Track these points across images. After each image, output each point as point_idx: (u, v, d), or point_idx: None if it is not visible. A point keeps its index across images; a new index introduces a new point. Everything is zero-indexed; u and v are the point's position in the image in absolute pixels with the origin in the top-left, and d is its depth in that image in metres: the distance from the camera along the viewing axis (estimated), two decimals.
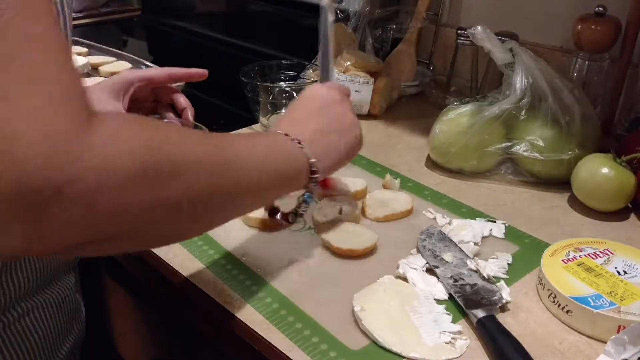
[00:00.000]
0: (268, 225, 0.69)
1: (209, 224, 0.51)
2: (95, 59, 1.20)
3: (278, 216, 0.64)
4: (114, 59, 1.21)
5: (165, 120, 0.83)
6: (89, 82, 1.08)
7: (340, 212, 0.70)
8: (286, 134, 0.58)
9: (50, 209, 0.34)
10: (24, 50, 0.35)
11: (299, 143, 0.57)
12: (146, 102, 0.85)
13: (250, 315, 0.56)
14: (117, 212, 0.38)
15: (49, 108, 0.35)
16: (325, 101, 0.65)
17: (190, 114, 0.83)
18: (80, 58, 1.17)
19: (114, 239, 0.40)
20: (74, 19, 1.59)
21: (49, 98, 0.35)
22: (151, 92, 0.84)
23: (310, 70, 0.99)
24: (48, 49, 0.37)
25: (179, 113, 0.84)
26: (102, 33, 1.56)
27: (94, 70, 1.17)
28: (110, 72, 1.14)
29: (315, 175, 0.58)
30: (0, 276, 0.53)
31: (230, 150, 0.49)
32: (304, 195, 0.62)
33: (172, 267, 0.62)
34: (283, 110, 0.96)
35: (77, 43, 1.29)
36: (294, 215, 0.63)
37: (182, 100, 0.84)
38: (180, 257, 0.64)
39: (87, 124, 0.36)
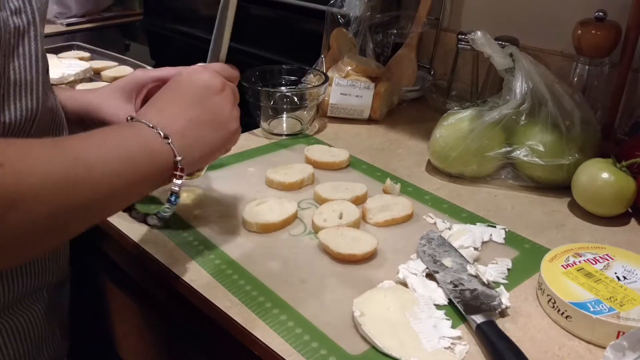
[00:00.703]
0: (268, 230, 0.69)
1: (52, 243, 0.49)
2: (98, 63, 1.21)
3: (133, 214, 0.60)
4: (116, 63, 1.22)
5: None
6: (91, 86, 1.09)
7: (341, 216, 0.70)
8: (152, 126, 0.54)
9: None
10: None
11: (166, 137, 0.54)
12: None
13: (250, 320, 0.56)
14: None
15: None
16: (204, 89, 0.59)
17: None
18: (82, 63, 1.17)
19: None
20: (76, 23, 1.60)
21: None
22: None
23: (312, 75, 0.99)
24: None
25: None
26: (104, 38, 1.57)
27: (96, 75, 1.17)
28: (113, 76, 1.14)
29: (180, 173, 0.55)
30: None
31: (80, 165, 0.46)
32: (169, 195, 0.58)
33: (173, 272, 0.62)
34: (284, 115, 0.96)
35: (79, 48, 1.30)
36: (154, 217, 0.60)
37: None
38: (180, 262, 0.64)
39: None
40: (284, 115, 0.96)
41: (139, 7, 1.74)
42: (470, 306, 0.56)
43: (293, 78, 1.00)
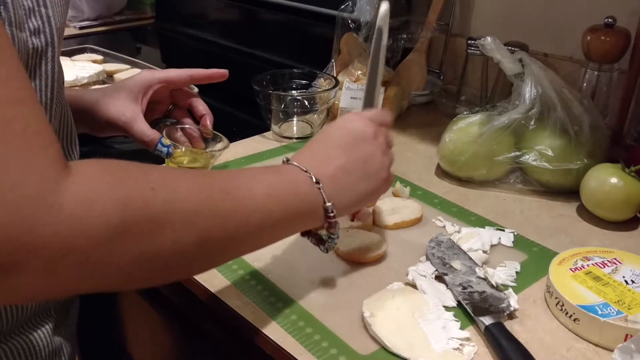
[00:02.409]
0: None
1: (200, 269, 0.50)
2: (110, 66, 1.22)
3: (309, 238, 0.60)
4: (128, 66, 1.23)
5: (182, 126, 0.80)
6: None
7: (352, 219, 0.71)
8: (305, 170, 0.54)
9: (17, 270, 0.34)
10: None
11: (317, 182, 0.54)
12: (163, 104, 0.82)
13: (261, 319, 0.57)
14: (88, 273, 0.37)
15: (11, 172, 0.34)
16: (356, 136, 0.59)
17: (209, 121, 0.81)
18: (95, 65, 1.19)
19: (95, 288, 0.39)
20: (89, 27, 1.62)
21: (9, 160, 0.34)
22: (169, 95, 0.81)
23: (322, 79, 1.00)
24: (6, 107, 0.35)
25: (197, 119, 0.82)
26: (116, 41, 1.59)
27: (109, 77, 1.19)
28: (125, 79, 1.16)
29: (331, 218, 0.55)
30: None
31: (228, 198, 0.47)
32: (327, 242, 0.58)
33: None
34: (295, 119, 0.97)
35: (92, 51, 1.32)
36: (324, 246, 0.59)
37: (200, 107, 0.81)
38: None
39: (55, 183, 0.35)
40: (295, 119, 0.97)
41: (151, 11, 1.75)
42: (478, 308, 0.57)
43: (304, 82, 1.01)
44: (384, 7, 0.63)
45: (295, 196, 0.52)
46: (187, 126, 0.81)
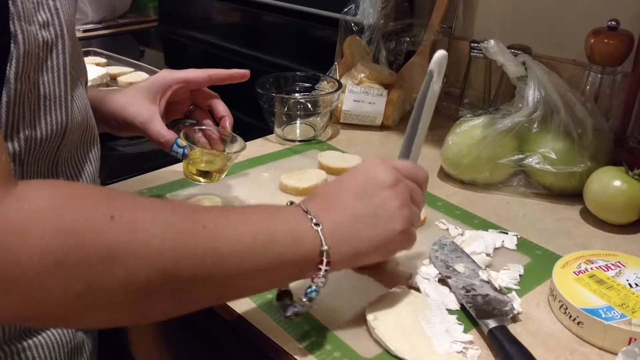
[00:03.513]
0: None
1: (165, 313, 0.45)
2: (114, 69, 1.23)
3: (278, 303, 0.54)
4: (132, 69, 1.24)
5: (201, 127, 0.79)
6: None
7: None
8: (306, 210, 0.50)
9: None
10: None
11: (317, 224, 0.49)
12: (183, 105, 0.81)
13: (265, 323, 0.57)
14: (26, 305, 0.36)
15: None
16: (373, 181, 0.54)
17: (228, 122, 0.78)
18: (99, 68, 1.19)
19: (46, 322, 0.38)
20: (93, 29, 1.63)
21: None
22: (189, 95, 0.80)
23: (325, 82, 1.00)
24: None
25: (217, 121, 0.81)
26: (120, 44, 1.59)
27: (112, 80, 1.19)
28: (128, 82, 1.16)
29: (325, 267, 0.49)
30: None
31: (204, 233, 0.42)
32: (307, 288, 0.51)
33: None
34: (298, 121, 0.97)
35: (96, 54, 1.32)
36: (290, 309, 0.52)
37: (220, 108, 0.79)
38: None
39: None
40: (298, 122, 0.97)
41: (154, 14, 1.76)
42: (482, 311, 0.57)
43: (307, 85, 1.01)
44: (441, 52, 0.57)
45: (289, 238, 0.48)
46: (205, 127, 0.80)
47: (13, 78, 0.45)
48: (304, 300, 0.51)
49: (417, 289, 0.61)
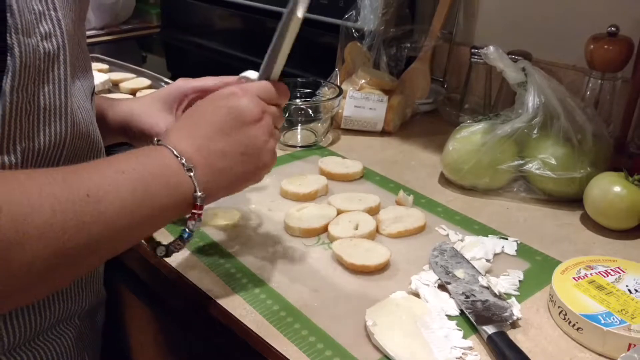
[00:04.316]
0: (309, 234, 0.71)
1: (65, 280, 0.48)
2: (116, 75, 1.23)
3: (147, 245, 0.57)
4: (134, 75, 1.24)
5: None
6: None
7: (357, 227, 0.71)
8: (177, 155, 0.51)
9: None
10: None
11: (189, 170, 0.51)
12: None
13: (264, 328, 0.57)
14: None
15: None
16: (238, 117, 0.55)
17: None
18: (101, 74, 1.20)
19: None
20: (95, 36, 1.63)
21: None
22: None
23: (326, 88, 1.01)
24: None
25: None
26: (122, 50, 1.60)
27: (114, 86, 1.20)
28: (131, 88, 1.17)
29: (198, 211, 0.52)
30: None
31: (89, 202, 0.43)
32: (182, 230, 0.54)
33: (189, 280, 0.64)
34: (299, 127, 0.97)
35: (98, 60, 1.33)
36: (162, 249, 0.56)
37: None
38: (196, 270, 0.65)
39: None
40: (299, 127, 0.98)
41: (157, 20, 1.77)
42: (481, 317, 0.57)
43: (308, 91, 1.02)
44: None
45: (166, 188, 0.50)
46: None
47: (9, 91, 0.44)
48: (179, 242, 0.55)
49: (417, 295, 0.61)
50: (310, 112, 0.96)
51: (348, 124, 1.01)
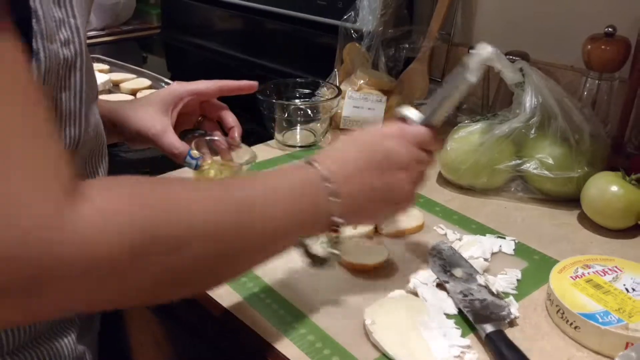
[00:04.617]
0: None
1: (220, 282, 0.52)
2: (116, 76, 1.24)
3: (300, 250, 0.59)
4: (134, 75, 1.24)
5: (211, 137, 0.80)
6: (110, 98, 1.11)
7: (355, 227, 0.71)
8: (328, 183, 0.53)
9: (37, 290, 0.35)
10: None
11: (336, 197, 0.53)
12: (193, 116, 0.82)
13: (262, 327, 0.57)
14: (111, 292, 0.38)
15: (24, 194, 0.34)
16: (391, 161, 0.57)
17: (237, 133, 0.80)
18: (101, 75, 1.20)
19: (119, 304, 0.41)
20: (96, 36, 1.64)
21: (22, 187, 0.34)
22: (199, 107, 0.81)
23: (325, 89, 1.01)
24: (16, 137, 0.36)
25: (226, 132, 0.82)
26: (122, 50, 1.60)
27: (115, 86, 1.20)
28: (131, 88, 1.17)
29: (336, 234, 0.55)
30: None
31: (246, 212, 0.47)
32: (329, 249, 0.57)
33: None
34: (298, 127, 0.98)
35: (98, 60, 1.33)
36: (318, 260, 0.58)
37: (230, 119, 0.81)
38: None
39: (67, 207, 0.35)
40: (298, 127, 0.98)
41: (157, 21, 1.77)
42: (479, 316, 0.57)
43: (307, 91, 1.02)
44: (488, 50, 0.61)
45: (312, 209, 0.53)
46: (215, 138, 0.81)
47: None
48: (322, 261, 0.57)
49: (415, 294, 0.62)
50: (310, 112, 0.97)
51: (347, 124, 1.01)
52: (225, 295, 0.62)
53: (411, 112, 0.62)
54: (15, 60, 0.38)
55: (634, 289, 0.59)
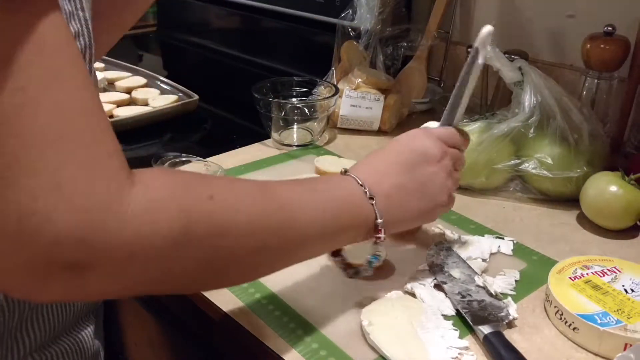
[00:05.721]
0: None
1: (254, 277, 0.53)
2: (112, 74, 1.23)
3: (339, 259, 0.61)
4: (129, 74, 1.24)
5: (187, 159, 0.81)
6: (105, 96, 1.11)
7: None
8: (361, 184, 0.55)
9: (86, 270, 0.36)
10: (51, 124, 0.35)
11: (371, 198, 0.55)
12: None
13: (259, 328, 0.57)
14: (153, 277, 0.39)
15: (80, 180, 0.35)
16: (420, 156, 0.59)
17: (212, 158, 0.81)
18: (96, 73, 1.19)
19: (157, 290, 0.42)
20: None
21: (79, 169, 0.35)
22: None
23: (322, 87, 1.01)
24: (75, 118, 0.36)
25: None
26: (118, 48, 1.58)
27: (110, 85, 1.19)
28: (126, 87, 1.16)
29: (380, 235, 0.56)
30: (16, 330, 0.50)
31: (283, 211, 0.48)
32: (370, 256, 0.58)
33: None
34: (295, 126, 0.97)
35: None
36: (354, 272, 0.60)
37: None
38: None
39: (121, 191, 0.36)
40: (295, 126, 0.97)
41: (153, 19, 1.76)
42: (477, 317, 0.57)
43: (304, 90, 1.01)
44: (487, 28, 0.60)
45: (349, 211, 0.54)
46: (190, 159, 0.82)
47: None
48: (366, 266, 0.59)
49: (413, 295, 0.61)
50: (307, 111, 0.96)
51: (344, 123, 1.01)
52: (217, 294, 0.61)
53: (430, 123, 0.65)
54: (69, 41, 0.38)
55: (633, 290, 0.59)
